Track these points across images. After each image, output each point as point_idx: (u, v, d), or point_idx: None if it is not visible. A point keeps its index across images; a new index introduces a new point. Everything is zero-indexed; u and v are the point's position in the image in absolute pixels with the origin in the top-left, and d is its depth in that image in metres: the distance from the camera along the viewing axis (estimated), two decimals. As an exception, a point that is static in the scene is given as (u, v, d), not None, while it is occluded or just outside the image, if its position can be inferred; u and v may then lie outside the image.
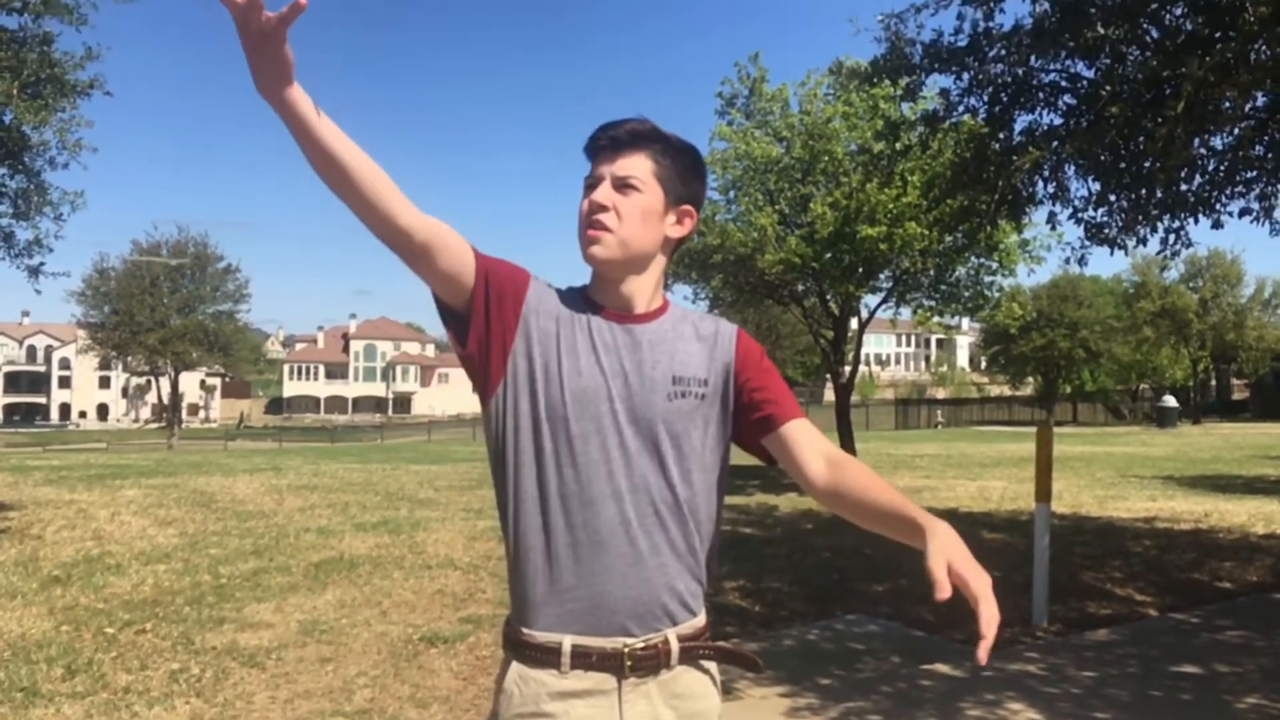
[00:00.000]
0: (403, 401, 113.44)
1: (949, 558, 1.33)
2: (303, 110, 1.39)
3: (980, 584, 1.32)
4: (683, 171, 1.72)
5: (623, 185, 1.66)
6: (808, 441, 1.67)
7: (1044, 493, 6.36)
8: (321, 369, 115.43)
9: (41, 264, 11.03)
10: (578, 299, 1.69)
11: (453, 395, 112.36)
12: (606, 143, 1.69)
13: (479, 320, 1.61)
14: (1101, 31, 6.88)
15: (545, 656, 1.58)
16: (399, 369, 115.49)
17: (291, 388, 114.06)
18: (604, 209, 1.65)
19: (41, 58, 10.02)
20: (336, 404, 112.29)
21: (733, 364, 1.71)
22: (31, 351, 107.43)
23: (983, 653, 1.28)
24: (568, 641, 1.57)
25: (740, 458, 1.77)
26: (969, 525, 10.73)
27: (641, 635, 1.59)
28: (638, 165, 1.67)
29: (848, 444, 16.94)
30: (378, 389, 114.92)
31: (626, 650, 1.57)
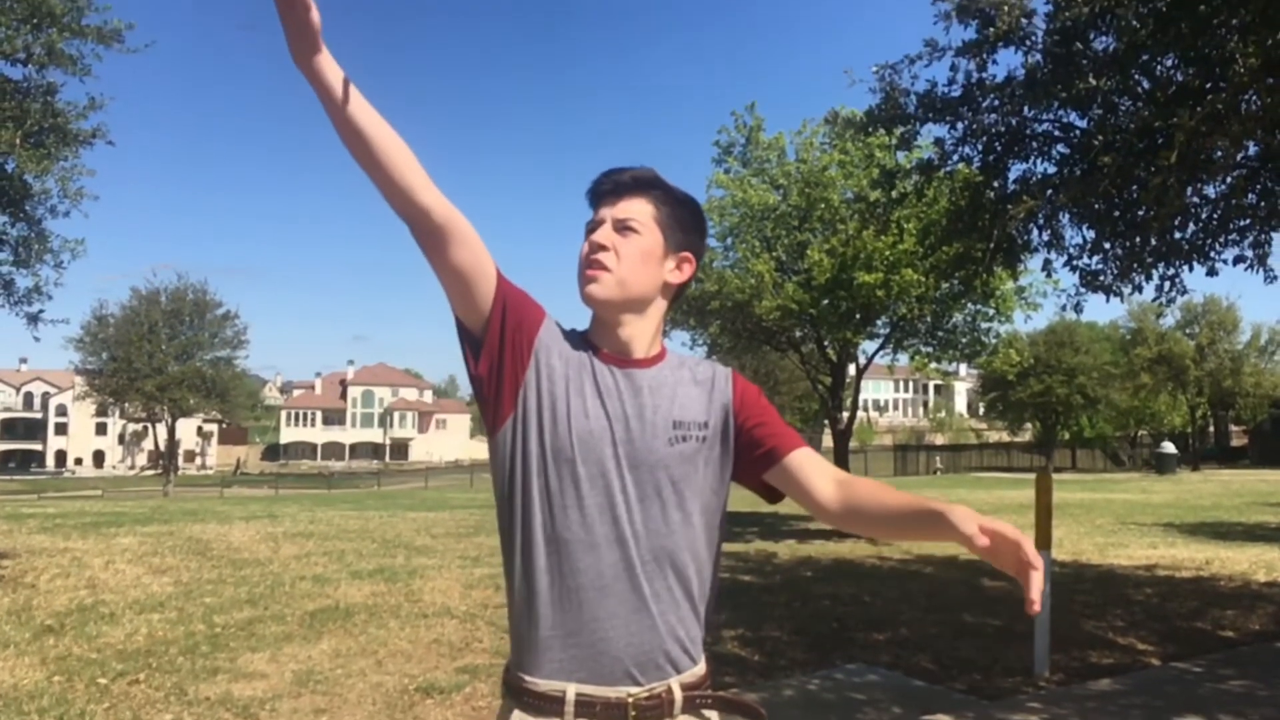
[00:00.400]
0: (400, 448, 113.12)
1: (975, 519, 1.40)
2: (331, 79, 1.42)
3: (1011, 528, 1.38)
4: (683, 219, 1.74)
5: (623, 227, 1.68)
6: (814, 468, 1.69)
7: (1044, 540, 6.33)
8: (319, 415, 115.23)
9: (40, 311, 11.05)
10: (580, 341, 1.70)
11: (450, 441, 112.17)
12: (609, 187, 1.72)
13: (493, 343, 1.62)
14: (1093, 83, 6.98)
15: (548, 705, 1.57)
16: (396, 415, 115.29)
17: (289, 434, 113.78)
18: (603, 249, 1.67)
19: (45, 108, 10.11)
20: (334, 450, 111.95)
21: (731, 404, 1.72)
22: (29, 398, 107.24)
23: (1035, 591, 1.32)
24: (571, 690, 1.56)
25: (739, 504, 1.77)
26: (969, 573, 10.67)
27: (645, 684, 1.58)
28: (639, 209, 1.70)
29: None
30: (375, 435, 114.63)
31: (631, 700, 1.56)
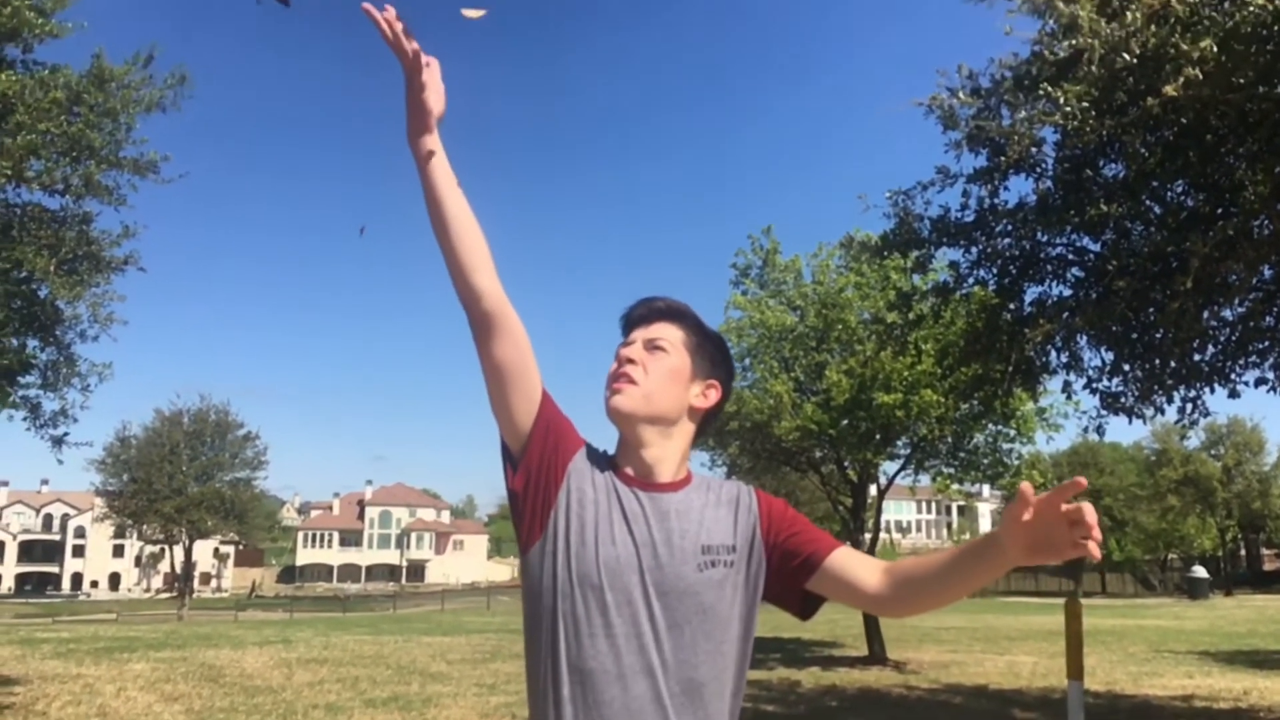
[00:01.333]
0: (417, 569, 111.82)
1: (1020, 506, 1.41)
2: (430, 159, 1.60)
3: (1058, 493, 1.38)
4: (711, 350, 1.78)
5: (653, 347, 1.72)
6: (859, 562, 1.67)
7: (1076, 670, 6.17)
8: (336, 536, 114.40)
9: (65, 434, 11.15)
10: (608, 465, 1.70)
11: (467, 563, 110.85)
12: (643, 313, 1.77)
13: (530, 461, 1.64)
14: (1105, 208, 7.08)
15: None
16: (414, 536, 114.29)
17: (305, 555, 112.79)
18: (632, 362, 1.70)
19: (80, 236, 10.41)
20: (350, 572, 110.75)
21: (758, 524, 1.70)
22: (48, 520, 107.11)
23: (1094, 546, 1.35)
24: None
25: (759, 628, 1.74)
26: (1000, 704, 10.36)
27: None
28: (669, 332, 1.74)
29: (869, 614, 16.55)
30: (392, 556, 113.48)
31: None
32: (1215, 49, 5.22)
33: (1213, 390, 8.36)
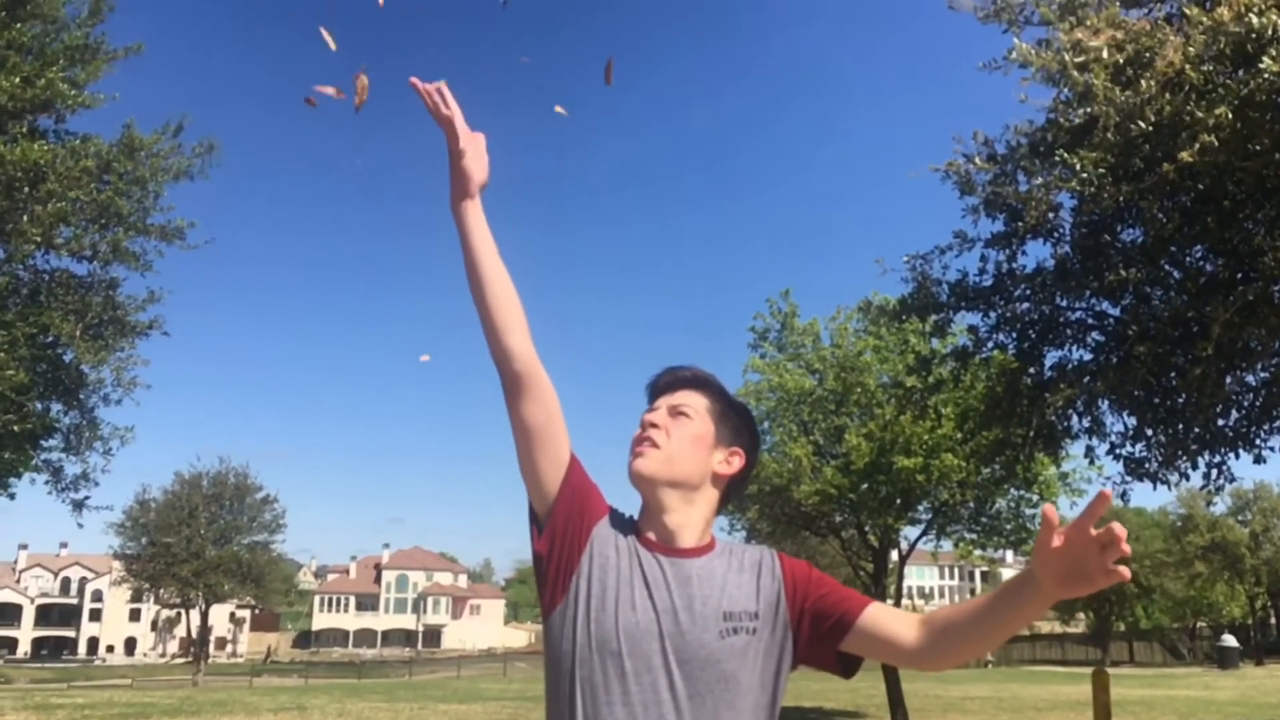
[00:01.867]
0: (433, 634, 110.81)
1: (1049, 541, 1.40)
2: (470, 224, 1.67)
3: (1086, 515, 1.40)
4: (736, 420, 1.78)
5: (677, 413, 1.72)
6: (892, 617, 1.63)
7: (1104, 742, 6.03)
8: (352, 600, 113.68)
9: (86, 498, 11.22)
10: (631, 529, 1.69)
11: (484, 628, 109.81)
12: (668, 381, 1.79)
13: (555, 525, 1.64)
14: (1124, 274, 7.08)
15: None
16: (430, 600, 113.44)
17: (321, 620, 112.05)
18: (655, 426, 1.70)
19: (106, 301, 10.57)
20: (365, 637, 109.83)
21: (782, 589, 1.67)
22: (66, 583, 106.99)
23: (1126, 570, 1.35)
24: None
25: (785, 695, 1.71)
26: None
27: None
28: (694, 399, 1.75)
29: (892, 682, 16.25)
30: (408, 621, 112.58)
31: None
32: (1230, 116, 5.26)
33: (1237, 455, 8.26)
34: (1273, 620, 66.79)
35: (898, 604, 18.67)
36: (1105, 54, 5.76)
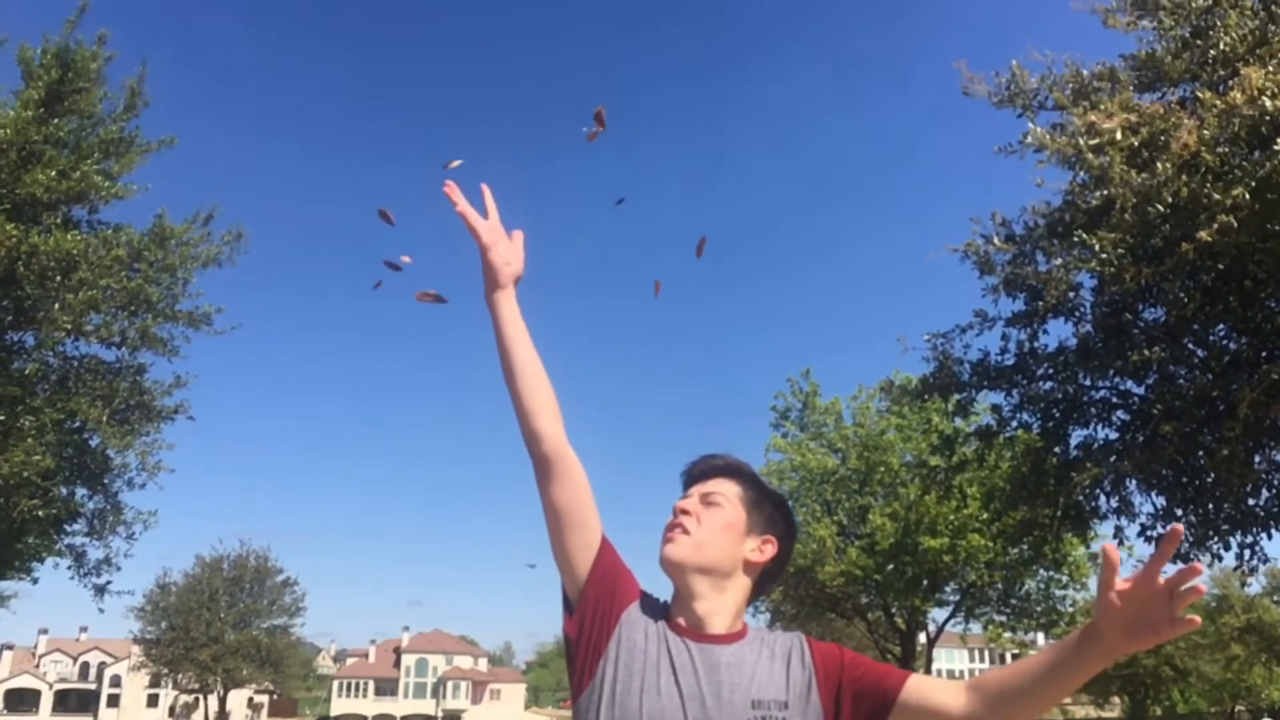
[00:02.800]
0: (452, 719, 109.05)
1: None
2: (502, 314, 1.72)
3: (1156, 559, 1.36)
4: (770, 508, 1.75)
5: (708, 501, 1.71)
6: (936, 687, 1.58)
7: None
8: (371, 685, 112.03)
9: (108, 582, 11.19)
10: (662, 614, 1.67)
11: (504, 712, 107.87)
12: (701, 469, 1.77)
13: (585, 609, 1.63)
14: (1147, 353, 7.06)
15: None
16: (450, 684, 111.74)
17: (339, 705, 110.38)
18: (686, 513, 1.69)
19: (133, 386, 10.67)
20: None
21: (814, 676, 1.62)
22: (85, 668, 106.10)
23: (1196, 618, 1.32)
24: None
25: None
26: None
27: None
28: (726, 487, 1.73)
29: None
30: (427, 706, 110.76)
31: None
32: (1248, 197, 5.29)
33: (1269, 535, 8.13)
34: (1314, 704, 64.87)
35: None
36: (1119, 137, 5.83)
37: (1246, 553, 8.17)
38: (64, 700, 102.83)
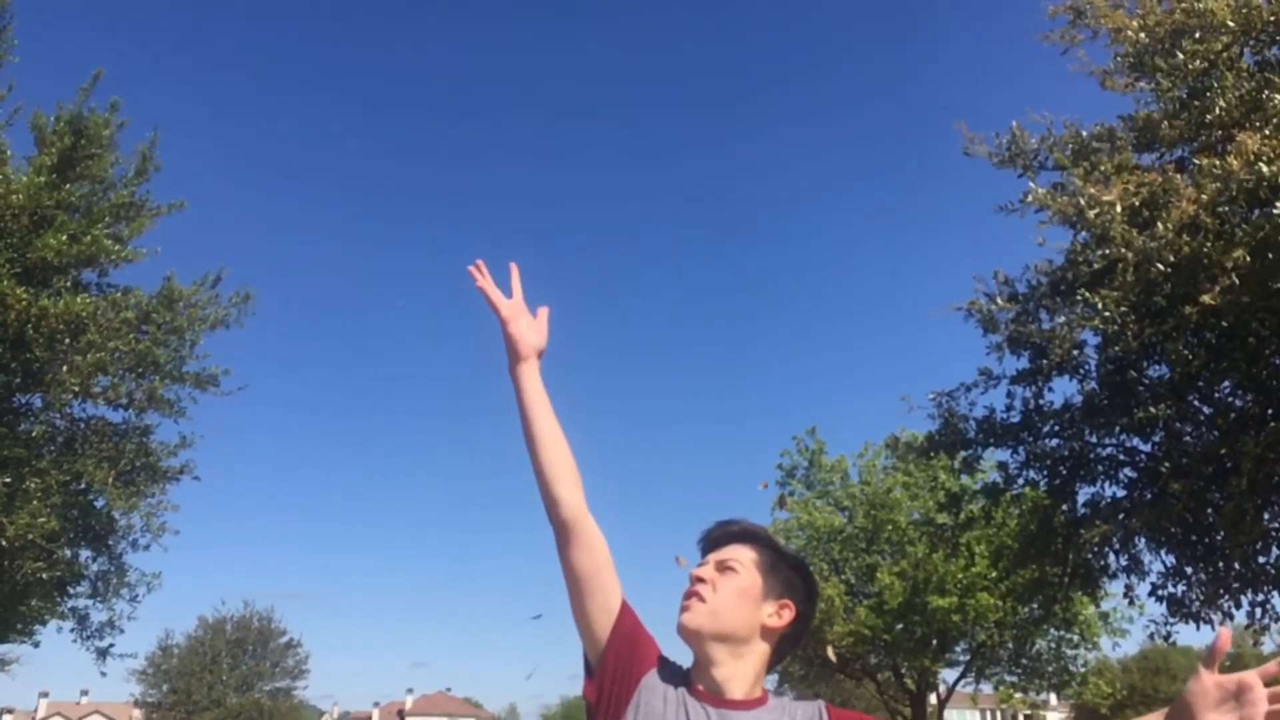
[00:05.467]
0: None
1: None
2: (524, 386, 1.78)
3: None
4: (787, 571, 1.75)
5: (724, 567, 1.71)
6: None
7: None
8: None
9: (111, 645, 11.09)
10: (682, 679, 1.68)
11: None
12: (718, 535, 1.78)
13: (604, 673, 1.64)
14: (1153, 410, 7.07)
15: None
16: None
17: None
18: (701, 581, 1.70)
19: (139, 448, 10.65)
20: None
21: None
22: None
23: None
24: None
25: None
26: None
27: None
28: (741, 553, 1.74)
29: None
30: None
31: None
32: (1248, 258, 5.33)
33: (1280, 594, 8.06)
34: (1334, 764, 63.64)
35: (938, 751, 18.04)
36: (1119, 208, 5.89)
37: (1258, 611, 8.09)
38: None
